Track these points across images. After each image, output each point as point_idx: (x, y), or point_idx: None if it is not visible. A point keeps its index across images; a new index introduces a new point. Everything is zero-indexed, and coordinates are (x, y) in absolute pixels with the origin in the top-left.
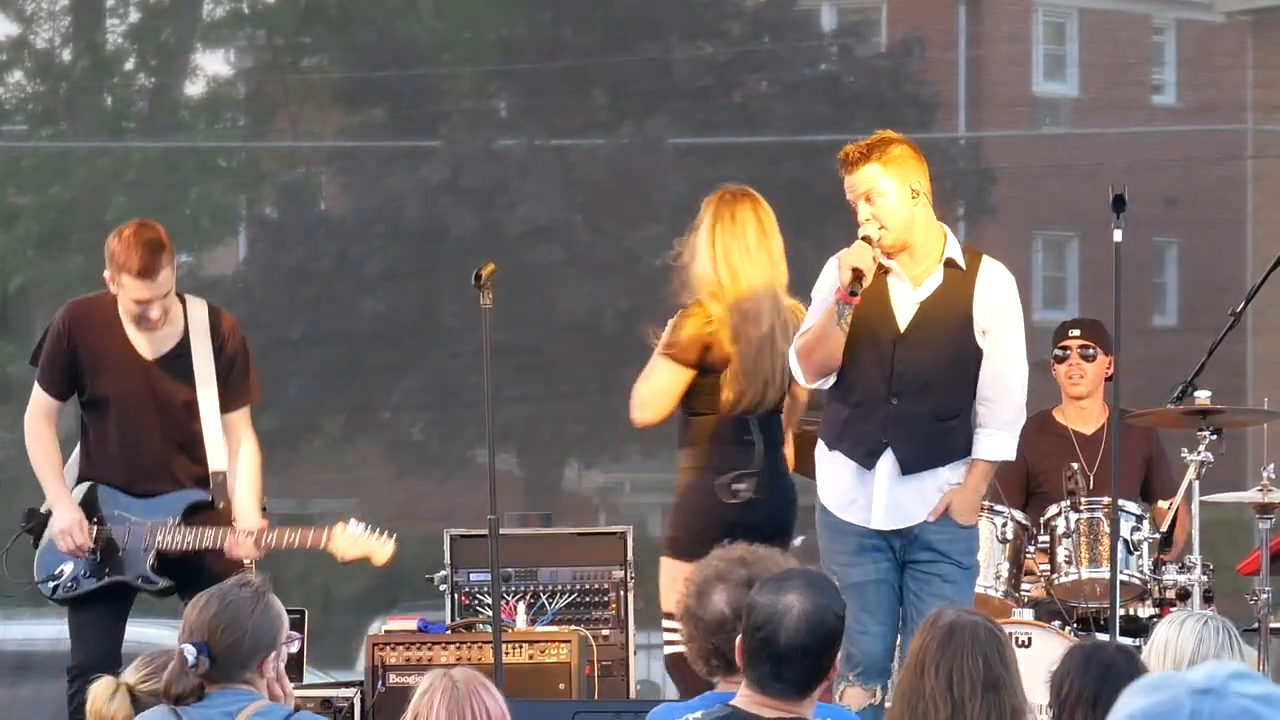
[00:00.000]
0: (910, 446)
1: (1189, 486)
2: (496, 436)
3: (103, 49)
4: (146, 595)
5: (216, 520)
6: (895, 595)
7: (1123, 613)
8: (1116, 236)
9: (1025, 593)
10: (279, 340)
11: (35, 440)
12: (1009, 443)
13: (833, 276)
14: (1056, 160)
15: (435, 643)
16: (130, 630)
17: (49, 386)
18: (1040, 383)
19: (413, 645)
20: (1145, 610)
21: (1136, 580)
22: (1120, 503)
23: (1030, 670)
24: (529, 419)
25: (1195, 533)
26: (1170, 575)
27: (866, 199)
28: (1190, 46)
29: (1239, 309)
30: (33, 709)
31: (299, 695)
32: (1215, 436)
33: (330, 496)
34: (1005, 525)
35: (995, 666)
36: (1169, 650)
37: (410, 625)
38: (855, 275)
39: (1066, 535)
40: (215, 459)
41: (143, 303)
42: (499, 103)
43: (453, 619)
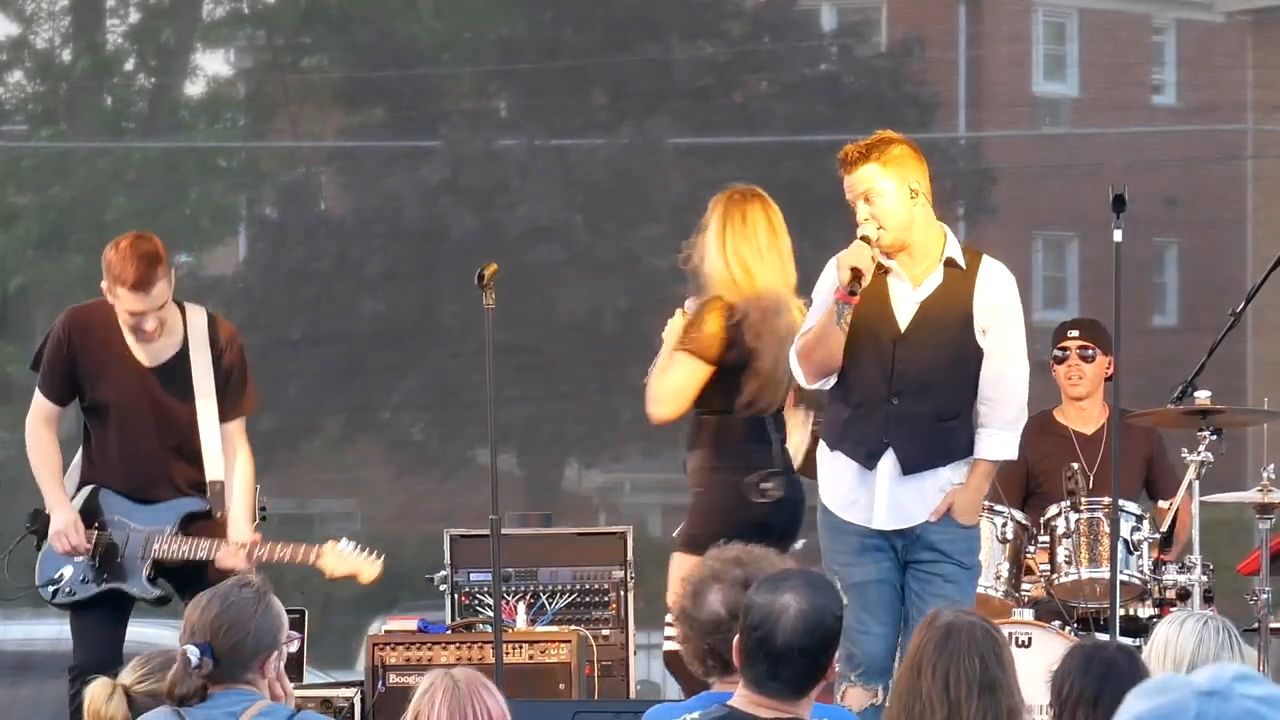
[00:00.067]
0: (911, 446)
1: (1189, 486)
2: (496, 436)
3: (103, 49)
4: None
5: (213, 529)
6: (897, 595)
7: (1123, 613)
8: (1116, 236)
9: (1025, 593)
10: (279, 340)
11: (35, 445)
12: (1011, 442)
13: (832, 277)
14: (1056, 160)
15: (435, 643)
16: (130, 630)
17: (49, 392)
18: (1040, 383)
19: (413, 645)
20: (1145, 610)
21: (1136, 580)
22: (1120, 503)
23: (1030, 670)
24: (529, 419)
25: (1195, 533)
26: (1170, 575)
27: (865, 199)
28: (1190, 46)
29: (1239, 309)
30: (33, 709)
31: (299, 695)
32: (1215, 436)
33: (330, 496)
34: (1005, 525)
35: (992, 667)
36: (1169, 650)
37: (410, 625)
38: (854, 275)
39: (1066, 535)
40: (213, 468)
41: (137, 315)
42: (499, 103)
43: (453, 619)
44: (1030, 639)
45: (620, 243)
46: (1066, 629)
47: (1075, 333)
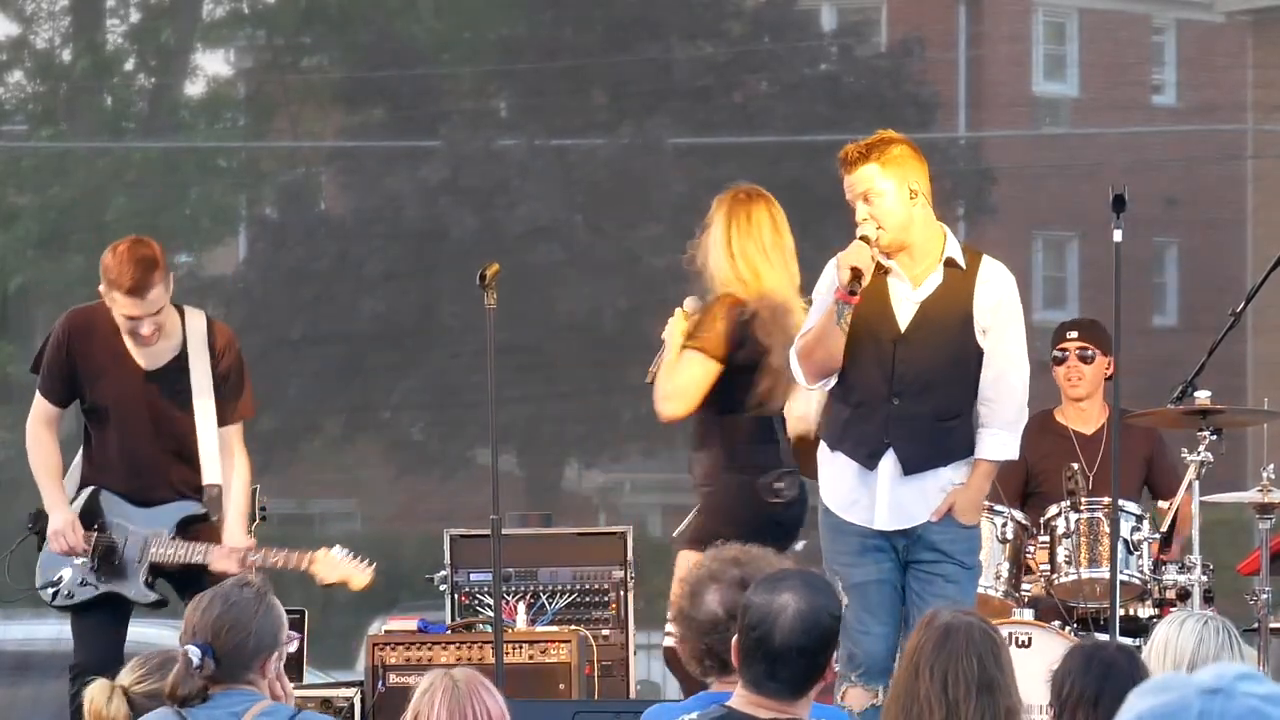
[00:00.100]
0: (912, 446)
1: (1189, 486)
2: (497, 436)
3: (103, 49)
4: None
5: (210, 533)
6: (898, 595)
7: (1123, 613)
8: (1116, 236)
9: (1025, 593)
10: (279, 340)
11: (36, 446)
12: (1012, 442)
13: (832, 277)
14: (1056, 160)
15: (435, 643)
16: (130, 630)
17: (49, 394)
18: (1041, 383)
19: (413, 645)
20: (1145, 610)
21: (1136, 580)
22: (1120, 503)
23: (1030, 670)
24: (529, 419)
25: (1195, 533)
26: (1170, 575)
27: (864, 199)
28: (1190, 46)
29: (1239, 309)
30: (33, 709)
31: (299, 695)
32: (1215, 436)
33: (330, 496)
34: (1005, 525)
35: (990, 668)
36: (1169, 650)
37: (410, 625)
38: (854, 275)
39: (1066, 535)
40: (210, 472)
41: (134, 319)
42: (499, 103)
43: (453, 619)
44: (1030, 639)
45: (620, 243)
46: (1066, 629)
47: (1074, 334)
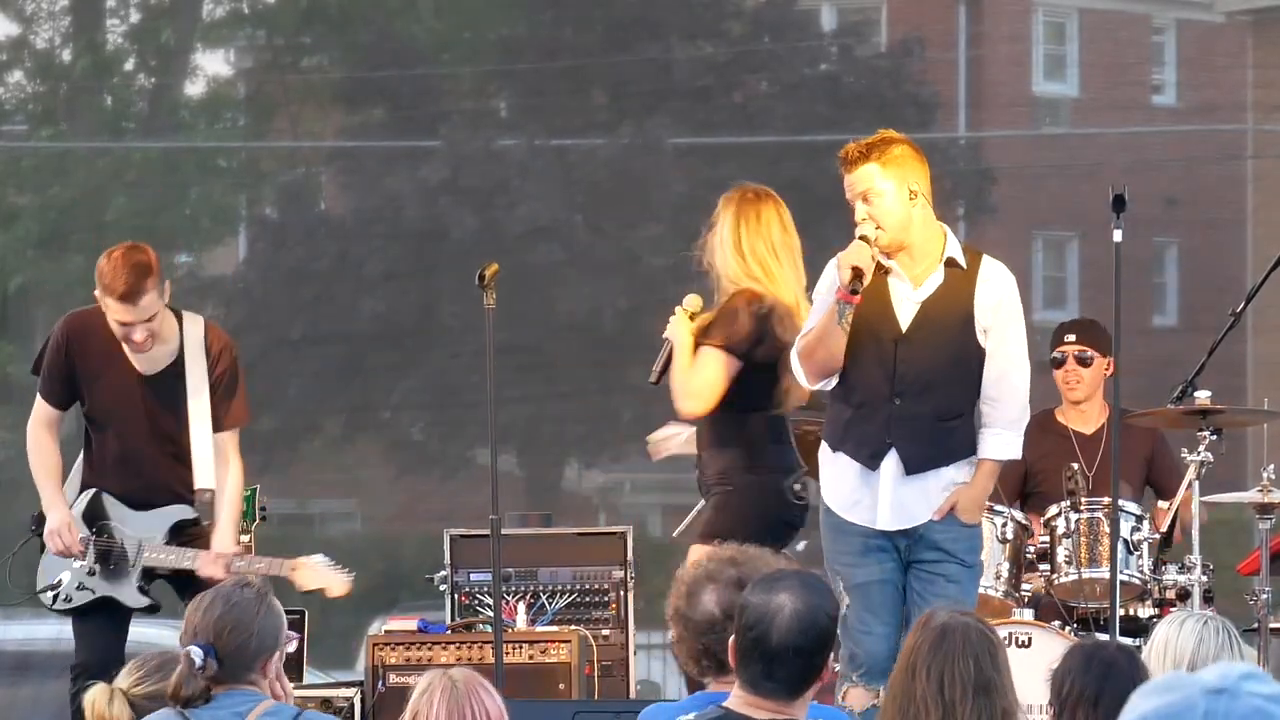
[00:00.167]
0: (914, 446)
1: (1189, 487)
2: (496, 436)
3: (103, 49)
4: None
5: (203, 537)
6: (899, 595)
7: (1123, 613)
8: (1116, 236)
9: (1025, 593)
10: (279, 340)
11: (36, 448)
12: (1015, 441)
13: (832, 277)
14: (1056, 160)
15: (435, 643)
16: (131, 630)
17: (49, 397)
18: (1041, 383)
19: (413, 645)
20: (1145, 610)
21: (1136, 580)
22: (1120, 503)
23: (1030, 670)
24: (529, 419)
25: (1195, 533)
26: (1170, 575)
27: (864, 198)
28: (1190, 46)
29: (1239, 309)
30: (33, 709)
31: (299, 695)
32: (1215, 436)
33: (330, 496)
34: (1005, 525)
35: (986, 669)
36: (1169, 650)
37: (410, 625)
38: (855, 274)
39: (1066, 535)
40: (202, 476)
41: (126, 325)
42: (499, 103)
43: (453, 619)
44: (1030, 639)
45: (620, 243)
46: (1066, 629)
47: (1072, 337)
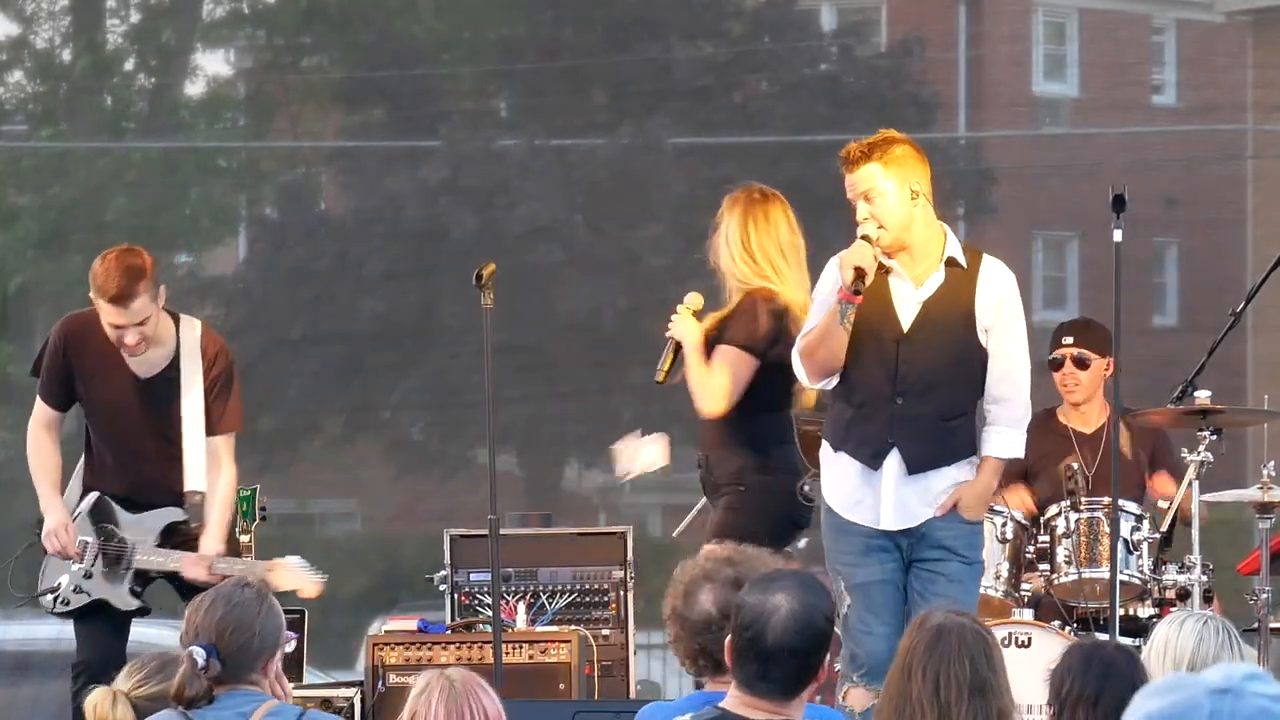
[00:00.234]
0: (916, 446)
1: (1190, 486)
2: (496, 436)
3: (103, 49)
4: (149, 592)
5: (194, 538)
6: (901, 596)
7: (1123, 613)
8: (1116, 236)
9: (1025, 592)
10: (279, 340)
11: (35, 450)
12: (1019, 440)
13: (833, 277)
14: (1056, 160)
15: (435, 643)
16: (131, 630)
17: (49, 398)
18: (1041, 383)
19: (413, 645)
20: (1145, 610)
21: (1136, 580)
22: (1120, 503)
23: (1030, 670)
24: (529, 419)
25: (1195, 533)
26: (1170, 575)
27: (866, 198)
28: (1190, 46)
29: (1239, 309)
30: (33, 709)
31: (299, 695)
32: (1215, 436)
33: (330, 496)
34: (1005, 525)
35: (982, 669)
36: (1169, 650)
37: (410, 625)
38: (857, 274)
39: (1066, 535)
40: (193, 479)
41: (118, 328)
42: (499, 103)
43: (453, 619)
44: (1030, 639)
45: (620, 243)
46: (1066, 629)
47: (1069, 339)
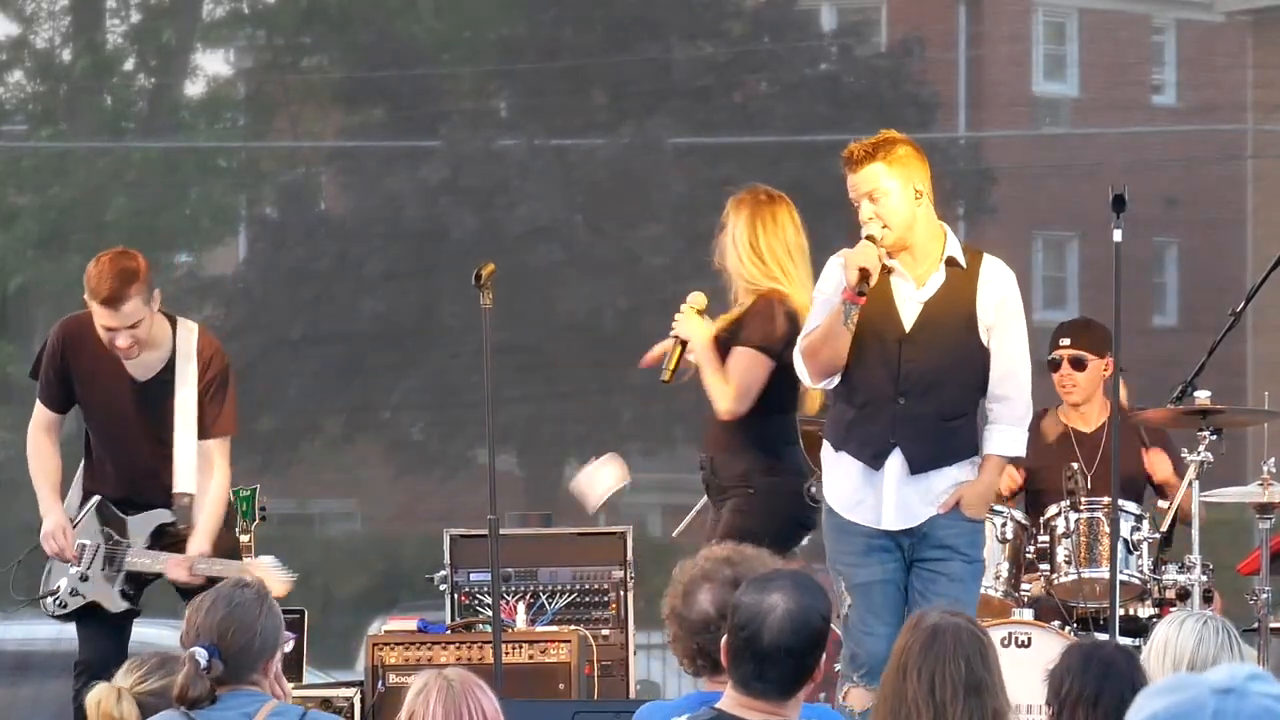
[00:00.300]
0: (918, 446)
1: (1190, 486)
2: (496, 436)
3: (103, 49)
4: (150, 592)
5: (183, 540)
6: (901, 596)
7: (1123, 613)
8: (1116, 236)
9: (1025, 593)
10: (279, 340)
11: (35, 452)
12: (1021, 438)
13: (835, 276)
14: (1056, 160)
15: (435, 643)
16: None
17: (48, 401)
18: (1042, 383)
19: (413, 645)
20: (1145, 610)
21: (1136, 580)
22: (1120, 503)
23: (1030, 670)
24: (529, 419)
25: (1195, 533)
26: (1170, 575)
27: (870, 198)
28: (1190, 46)
29: (1239, 309)
30: (33, 709)
31: (299, 695)
32: (1215, 436)
33: (330, 496)
34: (1005, 525)
35: (978, 669)
36: (1169, 650)
37: (410, 625)
38: (862, 275)
39: (1066, 535)
40: (182, 481)
41: (110, 330)
42: (499, 103)
43: (453, 619)
44: (1030, 639)
45: (620, 243)
46: (1066, 629)
47: (1066, 341)
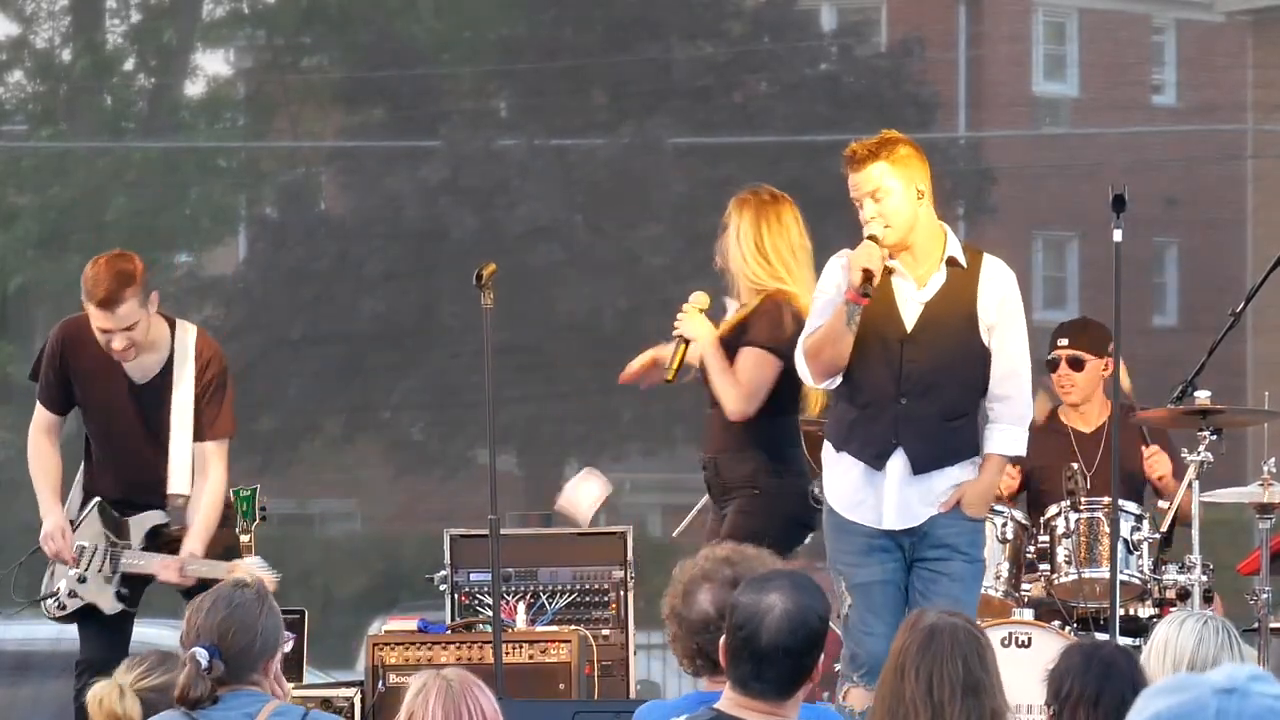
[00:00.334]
0: (920, 446)
1: (1189, 486)
2: (496, 436)
3: (103, 49)
4: (151, 592)
5: (176, 541)
6: (902, 596)
7: (1123, 613)
8: (1116, 236)
9: (1025, 593)
10: (279, 340)
11: (35, 454)
12: (1022, 438)
13: (836, 276)
14: (1056, 160)
15: (435, 643)
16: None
17: (47, 403)
18: (1042, 383)
19: (413, 645)
20: (1145, 610)
21: (1136, 580)
22: (1120, 503)
23: (1030, 670)
24: (529, 419)
25: (1195, 533)
26: (1170, 575)
27: (873, 197)
28: (1190, 46)
29: (1239, 309)
30: (33, 709)
31: (299, 695)
32: (1215, 436)
33: (330, 496)
34: (1005, 525)
35: (975, 669)
36: (1169, 650)
37: (410, 625)
38: (865, 276)
39: (1066, 535)
40: (177, 482)
41: (105, 332)
42: (499, 103)
43: (453, 619)
44: (1030, 639)
45: (620, 243)
46: (1066, 629)
47: (1064, 342)
